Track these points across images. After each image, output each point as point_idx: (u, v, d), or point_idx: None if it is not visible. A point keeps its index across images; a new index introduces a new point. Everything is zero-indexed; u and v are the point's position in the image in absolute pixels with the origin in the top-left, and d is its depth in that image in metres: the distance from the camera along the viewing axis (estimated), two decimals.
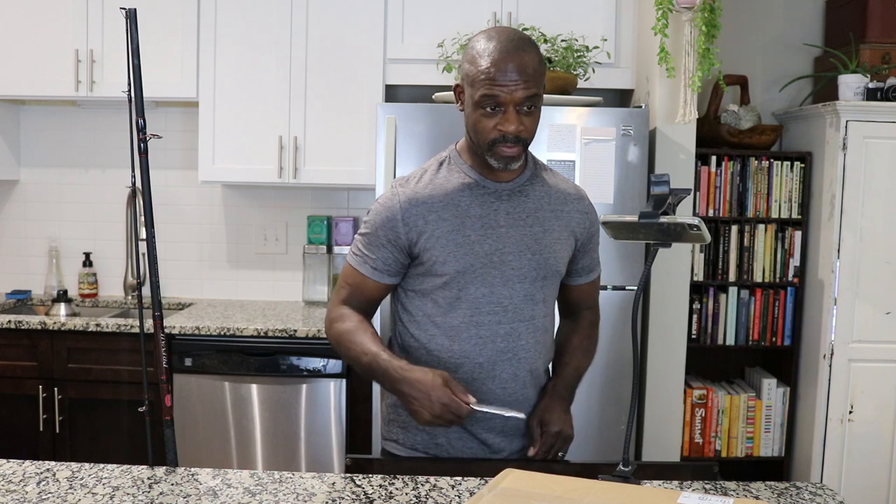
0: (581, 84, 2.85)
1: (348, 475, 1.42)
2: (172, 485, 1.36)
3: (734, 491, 1.38)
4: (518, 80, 1.46)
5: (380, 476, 1.41)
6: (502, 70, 1.46)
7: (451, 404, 1.41)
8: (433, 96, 2.77)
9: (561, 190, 1.67)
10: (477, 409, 1.43)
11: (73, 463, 1.44)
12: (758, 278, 3.03)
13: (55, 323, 2.85)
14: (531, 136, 1.54)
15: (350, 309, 1.62)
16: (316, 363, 2.83)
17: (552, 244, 1.62)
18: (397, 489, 1.36)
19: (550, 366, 1.76)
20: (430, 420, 1.42)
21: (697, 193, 2.97)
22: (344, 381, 2.84)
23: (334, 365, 2.83)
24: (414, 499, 1.32)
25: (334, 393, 2.84)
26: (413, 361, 1.56)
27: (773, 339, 3.05)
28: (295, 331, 2.83)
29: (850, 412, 2.87)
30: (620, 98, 3.27)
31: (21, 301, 3.34)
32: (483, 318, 1.57)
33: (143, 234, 1.63)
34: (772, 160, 3.01)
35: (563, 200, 1.66)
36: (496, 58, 1.47)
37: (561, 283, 1.71)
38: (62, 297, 3.16)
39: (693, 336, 3.02)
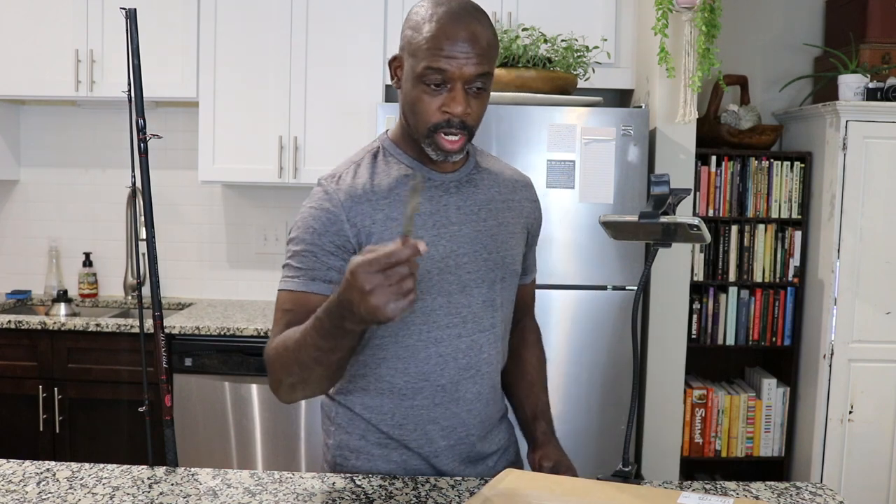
0: (581, 84, 2.84)
1: (348, 475, 1.42)
2: (172, 485, 1.36)
3: (734, 491, 1.38)
4: (470, 53, 1.24)
5: (380, 476, 1.41)
6: (452, 39, 1.24)
7: (375, 265, 0.99)
8: None
9: (508, 177, 1.49)
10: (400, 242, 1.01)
11: (73, 463, 1.44)
12: (758, 278, 3.03)
13: (55, 323, 2.85)
14: (477, 124, 1.32)
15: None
16: None
17: (507, 239, 1.43)
18: (397, 489, 1.35)
19: (515, 390, 1.57)
20: (384, 302, 0.99)
21: (697, 193, 2.97)
22: None
23: None
24: (414, 499, 1.32)
25: None
26: (363, 392, 1.38)
27: (773, 339, 3.05)
28: None
29: (850, 412, 2.87)
30: (620, 98, 3.27)
31: (21, 301, 3.34)
32: (442, 333, 1.35)
33: (143, 234, 1.63)
34: (772, 160, 3.01)
35: (512, 188, 1.48)
36: (445, 24, 1.25)
37: None
38: (62, 297, 3.16)
39: (693, 336, 3.02)
